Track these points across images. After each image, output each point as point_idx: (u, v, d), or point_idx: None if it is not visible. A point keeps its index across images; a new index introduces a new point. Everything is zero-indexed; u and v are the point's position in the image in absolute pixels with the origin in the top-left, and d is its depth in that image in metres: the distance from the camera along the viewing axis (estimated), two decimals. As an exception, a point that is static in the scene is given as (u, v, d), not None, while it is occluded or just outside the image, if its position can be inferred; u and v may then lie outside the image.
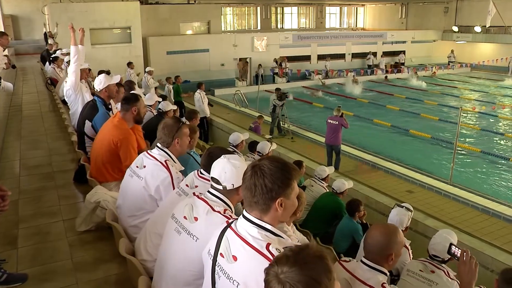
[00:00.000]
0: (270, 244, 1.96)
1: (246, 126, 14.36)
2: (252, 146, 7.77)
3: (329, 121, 11.79)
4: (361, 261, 2.64)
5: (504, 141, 15.96)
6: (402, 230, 4.39)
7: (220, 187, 2.51)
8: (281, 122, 15.47)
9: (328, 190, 6.79)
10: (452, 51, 33.46)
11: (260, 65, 26.04)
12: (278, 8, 40.13)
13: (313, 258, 1.57)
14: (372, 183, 9.45)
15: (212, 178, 2.54)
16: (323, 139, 14.28)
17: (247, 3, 37.59)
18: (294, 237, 3.28)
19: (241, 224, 2.09)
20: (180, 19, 26.07)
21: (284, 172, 2.04)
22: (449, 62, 33.15)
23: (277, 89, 16.00)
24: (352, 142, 14.27)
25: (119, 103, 5.02)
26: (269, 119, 15.59)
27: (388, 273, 2.61)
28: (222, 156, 2.55)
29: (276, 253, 1.91)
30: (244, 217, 2.09)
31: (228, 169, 2.48)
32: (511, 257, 6.39)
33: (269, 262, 1.87)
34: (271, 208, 2.03)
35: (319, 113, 19.45)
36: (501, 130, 17.16)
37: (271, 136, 14.18)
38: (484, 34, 31.69)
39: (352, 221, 6.05)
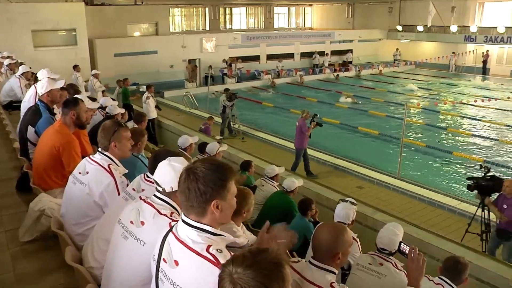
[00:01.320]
0: (211, 246, 1.95)
1: (197, 127, 14.27)
2: (201, 147, 7.73)
3: (296, 123, 11.63)
4: (309, 261, 2.65)
5: (447, 135, 16.58)
6: (348, 223, 4.49)
7: (161, 190, 2.49)
8: (231, 123, 15.47)
9: (279, 189, 6.84)
10: (397, 49, 34.52)
11: (210, 66, 25.94)
12: (227, 9, 40.05)
13: (269, 264, 1.56)
14: (322, 181, 9.60)
15: (154, 180, 2.52)
16: (273, 139, 14.50)
17: (195, 4, 37.32)
18: (244, 238, 3.27)
19: (181, 228, 2.07)
20: (127, 20, 25.59)
21: (218, 173, 2.02)
22: (394, 60, 34.17)
23: (226, 90, 16.00)
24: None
25: (63, 108, 4.87)
26: (220, 120, 15.57)
27: (337, 272, 2.63)
28: (166, 159, 2.52)
29: (217, 254, 1.92)
30: (183, 221, 2.07)
31: (168, 172, 2.46)
32: (455, 246, 6.62)
33: (211, 264, 1.89)
34: (207, 211, 2.01)
35: (269, 112, 19.62)
36: (444, 125, 17.80)
37: (221, 137, 14.15)
38: (426, 33, 33.00)
39: (304, 220, 6.11)
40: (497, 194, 7.50)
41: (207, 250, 1.94)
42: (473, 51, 31.94)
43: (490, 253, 7.39)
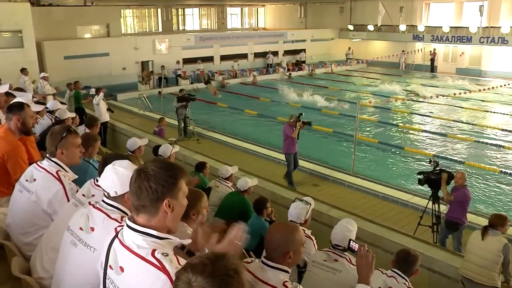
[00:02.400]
0: (156, 250, 1.94)
1: (151, 130, 14.12)
2: (155, 150, 7.63)
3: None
4: (262, 261, 2.66)
5: (399, 131, 17.02)
6: (301, 223, 4.53)
7: (107, 194, 2.45)
8: (187, 124, 15.36)
9: (233, 190, 6.84)
10: (349, 48, 35.15)
11: (162, 66, 25.62)
12: (179, 10, 39.74)
13: (228, 271, 1.56)
14: (278, 180, 9.67)
15: (99, 185, 2.48)
16: (228, 139, 14.50)
17: (147, 5, 36.86)
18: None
19: (126, 234, 2.05)
20: (77, 22, 24.89)
21: (169, 172, 2.02)
22: (347, 58, 34.80)
23: (181, 90, 15.92)
24: (258, 141, 14.55)
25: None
26: (174, 121, 15.46)
27: (290, 271, 2.64)
28: (111, 163, 2.48)
29: (162, 258, 1.90)
30: (128, 226, 2.04)
31: (111, 176, 2.43)
32: (408, 239, 6.81)
33: (156, 269, 1.87)
34: (160, 210, 2.00)
35: (223, 113, 19.60)
36: (395, 122, 18.25)
37: (175, 139, 14.02)
38: (377, 33, 33.84)
39: (259, 219, 6.13)
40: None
41: (152, 254, 1.93)
42: (421, 49, 33.08)
43: (441, 244, 7.66)
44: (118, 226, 2.28)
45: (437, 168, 7.95)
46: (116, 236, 2.11)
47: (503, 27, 27.75)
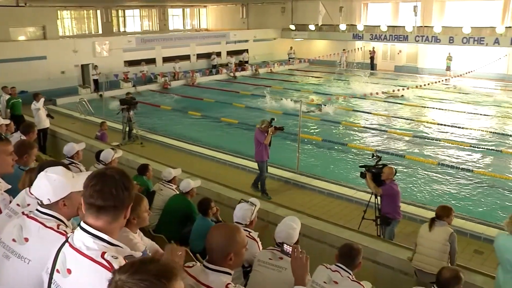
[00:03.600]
0: (106, 252, 1.93)
1: (93, 134, 13.73)
2: (99, 155, 7.43)
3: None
4: (203, 264, 2.64)
5: (341, 128, 17.37)
6: (246, 224, 4.54)
7: (40, 202, 2.37)
8: (131, 128, 15.05)
9: (178, 192, 6.76)
10: (291, 48, 35.57)
11: (96, 66, 24.83)
12: (119, 11, 38.92)
13: (158, 272, 1.55)
14: (223, 180, 9.63)
15: (32, 193, 2.40)
16: (173, 142, 14.34)
17: (86, 6, 35.85)
18: (142, 244, 3.20)
19: (78, 236, 2.03)
20: (10, 23, 23.78)
21: (127, 178, 2.06)
22: (289, 58, 35.22)
23: (128, 93, 15.67)
24: (202, 142, 14.49)
25: None
26: (117, 125, 15.13)
27: (232, 272, 2.63)
28: (44, 170, 2.40)
29: (112, 260, 1.90)
30: (82, 228, 2.03)
31: (43, 184, 2.36)
32: (353, 233, 6.94)
33: (105, 270, 1.86)
34: (123, 213, 2.04)
35: (167, 115, 19.36)
36: (338, 119, 18.60)
37: (118, 143, 13.72)
38: (318, 32, 34.47)
39: (205, 220, 6.08)
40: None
41: (102, 256, 1.92)
42: (361, 48, 34.01)
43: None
44: (60, 234, 2.26)
45: (380, 163, 8.17)
46: (66, 240, 2.09)
47: (435, 26, 29.07)
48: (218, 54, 33.02)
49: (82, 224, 2.04)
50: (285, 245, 3.57)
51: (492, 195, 11.07)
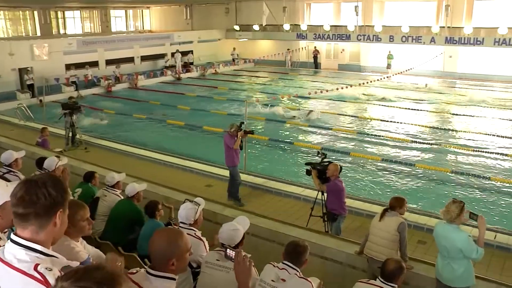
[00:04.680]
0: (39, 264, 1.85)
1: (33, 141, 13.22)
2: (39, 163, 7.13)
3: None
4: (146, 270, 2.60)
5: (287, 127, 17.55)
6: (190, 223, 4.51)
7: None
8: (74, 133, 14.62)
9: (123, 197, 6.62)
10: (234, 48, 35.57)
11: (28, 70, 23.98)
12: (59, 13, 37.64)
13: (102, 279, 1.52)
14: (170, 183, 9.52)
15: None
16: (118, 146, 14.06)
17: (21, 6, 34.38)
18: (84, 252, 3.11)
19: (9, 249, 1.94)
20: None
21: (61, 184, 1.99)
22: (233, 59, 35.24)
23: (70, 98, 15.23)
24: (148, 145, 14.29)
25: None
26: (60, 130, 14.68)
27: (176, 277, 2.60)
28: None
29: (46, 273, 1.82)
30: (12, 240, 1.94)
31: None
32: (301, 231, 7.02)
33: (38, 283, 1.79)
34: (51, 221, 1.95)
35: (111, 119, 18.94)
36: (283, 118, 18.78)
37: (61, 149, 13.30)
38: (262, 32, 34.72)
39: (154, 222, 5.99)
40: None
41: (35, 269, 1.84)
42: (305, 47, 34.54)
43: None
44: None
45: (325, 160, 8.31)
46: None
47: (376, 26, 29.98)
48: (173, 55, 32.68)
49: (12, 235, 1.95)
50: (228, 249, 3.58)
51: (433, 187, 11.53)
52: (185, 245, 2.64)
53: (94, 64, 28.76)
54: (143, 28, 44.10)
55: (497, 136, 15.78)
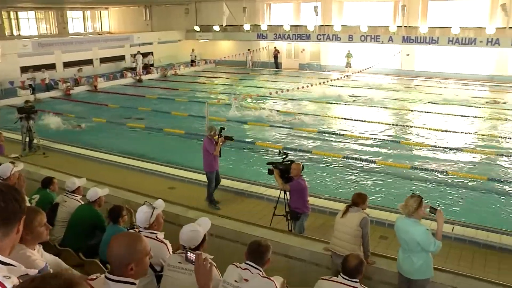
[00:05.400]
0: None
1: (-13, 147, 12.79)
2: (-7, 170, 6.92)
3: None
4: (105, 276, 2.56)
5: (249, 128, 17.54)
6: (146, 227, 4.46)
7: None
8: (31, 138, 14.20)
9: (83, 202, 6.49)
10: (193, 50, 35.31)
11: None
12: (12, 13, 36.53)
13: (58, 287, 1.51)
14: (133, 186, 9.40)
15: None
16: (78, 150, 13.76)
17: (-30, 7, 33.26)
18: (41, 260, 3.04)
19: None
20: None
21: (17, 190, 1.98)
22: (192, 60, 35.01)
23: (27, 101, 14.81)
24: (110, 149, 14.07)
25: None
26: (16, 135, 14.27)
27: (136, 282, 2.57)
28: None
29: (4, 280, 1.79)
30: None
31: None
32: (265, 231, 7.04)
33: None
34: (14, 229, 1.95)
35: (71, 123, 18.49)
36: (244, 119, 18.75)
37: (18, 155, 12.90)
38: (223, 33, 34.72)
39: (117, 228, 5.88)
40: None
41: None
42: (265, 47, 34.72)
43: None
44: None
45: (287, 159, 8.37)
46: None
47: (335, 25, 30.45)
48: (145, 55, 32.39)
49: None
50: (189, 252, 3.56)
51: (393, 183, 11.78)
52: (144, 248, 2.61)
53: (51, 66, 28.04)
54: (101, 30, 43.35)
55: (453, 132, 16.32)
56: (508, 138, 15.65)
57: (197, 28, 35.91)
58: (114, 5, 41.12)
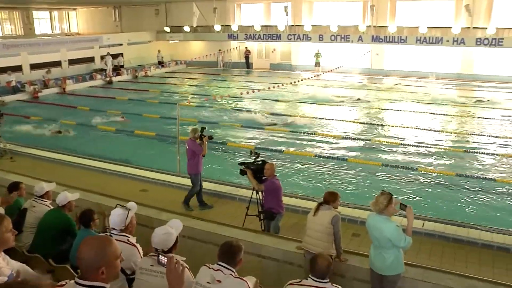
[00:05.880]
0: None
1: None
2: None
3: (185, 145, 9.89)
4: (75, 281, 2.52)
5: (220, 128, 17.46)
6: (121, 229, 4.41)
7: None
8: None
9: (53, 207, 6.36)
10: (159, 51, 35.08)
11: None
12: (-26, 14, 35.62)
13: None
14: (104, 189, 9.28)
15: None
16: (47, 154, 13.47)
17: None
18: (7, 268, 2.97)
19: None
20: None
21: None
22: (158, 61, 34.76)
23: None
24: (79, 152, 13.86)
25: None
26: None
27: (107, 286, 2.54)
28: None
29: None
30: None
31: None
32: (237, 231, 7.04)
33: None
34: None
35: (39, 126, 18.13)
36: (215, 119, 18.69)
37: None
38: (193, 33, 34.63)
39: (88, 232, 5.78)
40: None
41: None
42: (236, 48, 34.72)
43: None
44: None
45: (258, 159, 8.37)
46: None
47: (305, 25, 30.69)
48: (115, 56, 31.95)
49: None
50: (161, 256, 3.54)
51: (365, 180, 11.93)
52: (114, 252, 2.59)
53: (18, 68, 27.42)
54: (69, 31, 42.60)
55: (422, 129, 16.65)
56: (474, 135, 16.04)
57: (167, 29, 35.70)
58: (82, 5, 40.50)
